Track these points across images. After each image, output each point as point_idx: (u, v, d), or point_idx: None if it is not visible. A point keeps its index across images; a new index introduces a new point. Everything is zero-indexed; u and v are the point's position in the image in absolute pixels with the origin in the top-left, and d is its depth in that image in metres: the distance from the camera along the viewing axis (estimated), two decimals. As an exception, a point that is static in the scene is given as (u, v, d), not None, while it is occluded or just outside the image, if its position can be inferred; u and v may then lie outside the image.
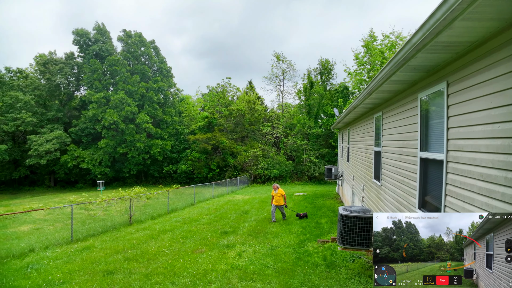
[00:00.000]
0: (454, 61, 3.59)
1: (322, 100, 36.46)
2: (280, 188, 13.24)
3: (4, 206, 26.55)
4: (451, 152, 3.72)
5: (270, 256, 8.16)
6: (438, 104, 4.14)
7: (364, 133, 10.00)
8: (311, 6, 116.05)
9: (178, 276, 6.84)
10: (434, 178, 4.31)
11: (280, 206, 13.11)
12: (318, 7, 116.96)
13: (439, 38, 2.88)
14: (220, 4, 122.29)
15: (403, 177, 5.59)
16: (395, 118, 6.17)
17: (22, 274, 7.57)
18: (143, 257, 8.37)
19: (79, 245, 10.31)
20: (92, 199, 19.54)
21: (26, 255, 9.45)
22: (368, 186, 9.18)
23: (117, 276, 7.03)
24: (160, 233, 11.40)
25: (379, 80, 5.02)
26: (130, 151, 37.81)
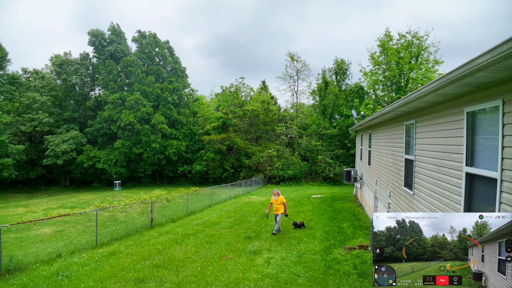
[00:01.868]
0: (511, 80, 3.50)
1: (337, 100, 36.20)
2: (281, 195, 12.08)
3: (23, 206, 27.04)
4: (506, 172, 3.64)
5: (299, 264, 8.13)
6: (490, 121, 4.04)
7: (391, 138, 9.87)
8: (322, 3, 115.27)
9: (210, 285, 6.85)
10: (483, 195, 4.22)
11: (277, 215, 11.83)
12: (329, 4, 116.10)
13: (507, 61, 2.80)
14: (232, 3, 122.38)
15: (443, 189, 5.49)
16: (433, 128, 6.06)
17: (54, 281, 7.65)
18: (172, 264, 8.41)
19: (105, 250, 10.40)
20: (108, 199, 19.81)
21: (54, 260, 9.56)
22: (396, 193, 9.07)
23: (148, 284, 7.07)
24: (183, 238, 11.45)
25: (422, 92, 4.93)
26: (146, 151, 38.12)
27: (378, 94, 34.72)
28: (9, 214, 22.57)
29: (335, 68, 38.45)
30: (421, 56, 31.22)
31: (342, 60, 38.03)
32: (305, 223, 12.89)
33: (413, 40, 30.94)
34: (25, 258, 9.72)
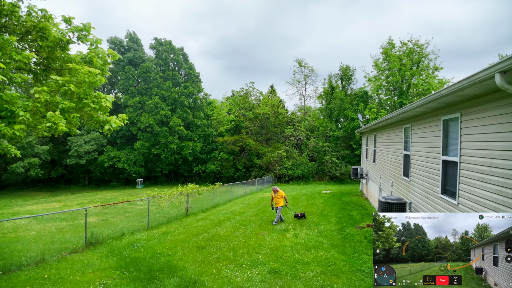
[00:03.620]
0: (464, 102, 5.78)
1: (343, 104, 38.52)
2: (280, 191, 13.14)
3: (57, 201, 29.44)
4: (463, 157, 5.91)
5: (321, 236, 10.40)
6: (455, 125, 6.32)
7: (393, 139, 12.14)
8: (327, 8, 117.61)
9: (257, 249, 9.13)
10: (451, 173, 6.49)
11: (278, 207, 12.96)
12: (334, 8, 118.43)
13: (458, 92, 5.09)
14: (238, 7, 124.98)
15: (429, 173, 7.77)
16: (422, 130, 8.34)
17: (132, 249, 9.88)
18: (220, 238, 10.65)
19: (158, 231, 12.67)
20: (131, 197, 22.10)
21: (121, 238, 11.81)
22: (397, 182, 11.34)
23: (209, 250, 9.32)
24: (219, 222, 13.71)
25: (414, 106, 7.24)
26: (163, 152, 40.59)
27: (382, 98, 37.02)
28: (48, 208, 24.95)
29: (341, 74, 40.81)
30: (422, 63, 33.44)
31: (347, 66, 40.41)
32: (319, 212, 15.11)
33: (414, 47, 33.16)
34: (97, 235, 12.03)
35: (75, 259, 9.08)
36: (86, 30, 7.42)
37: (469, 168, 5.63)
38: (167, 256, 8.87)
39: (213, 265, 7.78)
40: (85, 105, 6.24)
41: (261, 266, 7.51)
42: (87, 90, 6.22)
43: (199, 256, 8.70)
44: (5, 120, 5.50)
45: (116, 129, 7.00)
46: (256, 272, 7.10)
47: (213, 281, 6.70)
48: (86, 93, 6.21)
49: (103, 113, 6.73)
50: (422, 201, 8.23)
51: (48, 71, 7.43)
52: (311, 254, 8.43)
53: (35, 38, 6.79)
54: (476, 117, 5.35)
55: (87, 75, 5.85)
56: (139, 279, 7.03)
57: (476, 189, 5.33)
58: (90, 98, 6.29)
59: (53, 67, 7.14)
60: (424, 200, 8.09)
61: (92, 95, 6.44)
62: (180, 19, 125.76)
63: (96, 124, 6.74)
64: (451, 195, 6.42)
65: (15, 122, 5.49)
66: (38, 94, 5.64)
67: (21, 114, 5.32)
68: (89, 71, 5.78)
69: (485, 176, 5.04)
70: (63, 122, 5.80)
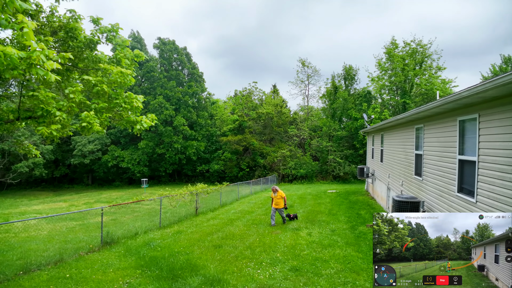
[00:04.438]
0: (483, 103, 5.94)
1: (346, 104, 38.71)
2: (279, 191, 12.81)
3: (63, 201, 29.60)
4: (481, 156, 6.07)
5: (334, 235, 10.56)
6: (472, 125, 6.48)
7: (403, 138, 12.30)
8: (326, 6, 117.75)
9: (273, 247, 9.29)
10: (469, 172, 6.65)
11: (280, 209, 12.68)
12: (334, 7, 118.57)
13: (479, 94, 5.25)
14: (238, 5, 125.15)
15: (443, 172, 7.93)
16: (436, 130, 8.50)
17: (150, 249, 9.97)
18: (234, 237, 10.79)
19: (171, 230, 12.82)
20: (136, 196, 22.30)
21: (135, 237, 11.94)
22: (407, 181, 11.50)
23: (225, 248, 9.47)
24: (231, 221, 13.87)
25: (430, 106, 7.40)
26: (168, 151, 40.76)
27: (384, 98, 37.21)
28: (55, 208, 25.11)
29: (344, 74, 40.97)
30: (425, 63, 33.62)
31: (350, 66, 40.58)
32: (327, 212, 15.29)
33: (417, 48, 33.32)
34: (112, 235, 12.17)
35: (93, 258, 9.21)
36: (114, 31, 7.59)
37: (488, 167, 5.79)
38: (185, 255, 9.00)
39: (233, 264, 7.93)
40: (116, 105, 6.42)
41: (281, 264, 7.67)
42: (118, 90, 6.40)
43: (217, 254, 8.84)
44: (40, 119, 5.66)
45: (146, 129, 7.16)
46: (277, 270, 7.26)
47: (236, 279, 6.85)
48: (117, 93, 6.39)
49: (134, 113, 6.89)
50: (437, 200, 8.38)
51: (70, 71, 7.58)
52: (328, 252, 8.59)
53: (63, 38, 6.94)
54: (496, 118, 5.50)
55: (119, 75, 6.01)
56: (162, 277, 7.18)
57: (496, 187, 5.49)
58: (121, 98, 6.46)
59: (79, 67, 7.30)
60: (438, 198, 8.25)
61: (123, 95, 6.61)
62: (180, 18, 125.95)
63: (127, 124, 6.89)
64: (469, 194, 6.58)
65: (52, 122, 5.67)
66: (73, 94, 5.81)
67: (58, 114, 5.49)
68: (121, 71, 5.95)
69: (506, 175, 5.19)
70: (97, 122, 5.96)
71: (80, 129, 6.01)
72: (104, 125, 6.46)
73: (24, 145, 8.40)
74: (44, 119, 5.59)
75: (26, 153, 7.92)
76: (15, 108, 6.28)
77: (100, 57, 7.48)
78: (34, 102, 5.45)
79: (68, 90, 5.81)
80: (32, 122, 6.11)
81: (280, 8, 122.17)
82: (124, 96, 6.63)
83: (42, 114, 5.50)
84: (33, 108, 5.83)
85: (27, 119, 6.07)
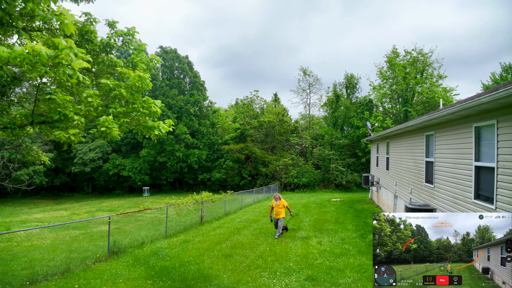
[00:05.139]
0: (501, 109, 5.90)
1: (348, 112, 38.78)
2: (282, 199, 12.10)
3: (64, 209, 29.38)
4: (500, 162, 6.01)
5: (345, 243, 10.43)
6: (490, 132, 6.43)
7: (411, 146, 12.24)
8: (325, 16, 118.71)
9: (285, 257, 9.15)
10: (486, 179, 6.58)
11: (279, 219, 11.94)
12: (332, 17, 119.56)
13: (500, 100, 5.21)
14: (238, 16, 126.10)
15: (458, 179, 7.86)
16: (449, 137, 8.45)
17: (157, 258, 9.80)
18: (243, 246, 10.63)
19: (178, 239, 12.66)
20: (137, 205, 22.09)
21: (141, 246, 11.77)
22: (417, 189, 11.41)
23: (235, 258, 9.31)
24: (238, 230, 13.72)
25: (444, 113, 7.36)
26: (169, 159, 40.62)
27: (386, 106, 37.33)
28: (57, 216, 24.90)
29: (346, 82, 41.11)
30: (426, 71, 33.80)
31: (352, 75, 40.75)
32: (334, 220, 15.16)
33: (418, 56, 33.54)
34: (119, 244, 12.00)
35: (101, 268, 9.04)
36: (131, 34, 7.56)
37: (508, 173, 5.72)
38: (196, 264, 8.85)
39: (246, 273, 7.79)
40: (134, 110, 6.37)
41: (296, 274, 7.54)
42: (135, 95, 6.35)
43: (228, 264, 8.70)
44: (56, 124, 5.58)
45: (164, 135, 7.10)
46: (293, 280, 7.13)
47: (252, 289, 6.73)
48: (135, 97, 6.34)
49: (151, 118, 6.84)
50: (450, 207, 8.30)
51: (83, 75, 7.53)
52: (342, 261, 8.47)
53: (79, 41, 6.90)
54: (517, 124, 5.46)
55: (136, 79, 5.98)
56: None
57: (518, 194, 5.42)
58: (138, 103, 6.41)
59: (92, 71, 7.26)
60: (452, 205, 8.16)
61: (141, 100, 6.56)
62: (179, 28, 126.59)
63: (144, 130, 6.83)
64: (487, 200, 6.50)
65: (68, 127, 5.59)
66: (91, 98, 5.75)
67: (76, 118, 5.41)
68: (140, 75, 5.91)
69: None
70: (116, 126, 5.89)
71: (98, 134, 5.94)
72: (122, 130, 6.39)
73: (33, 151, 8.30)
74: (60, 123, 5.50)
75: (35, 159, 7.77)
76: (29, 112, 6.20)
77: (116, 61, 7.45)
78: (51, 105, 5.36)
79: (86, 93, 5.75)
80: (45, 127, 6.02)
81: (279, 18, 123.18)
82: (141, 101, 6.58)
83: (59, 118, 5.40)
84: (48, 113, 5.76)
85: (40, 123, 5.99)
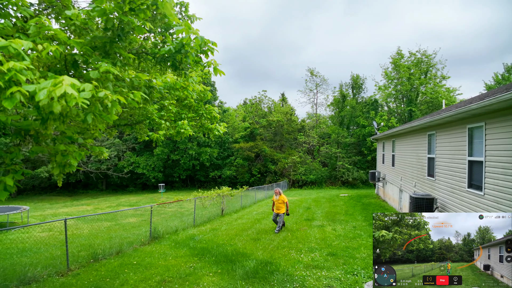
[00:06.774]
0: (488, 113, 7.34)
1: (354, 112, 40.23)
2: (282, 194, 12.28)
3: (86, 205, 30.98)
4: (487, 157, 7.46)
5: (357, 230, 11.89)
6: (479, 132, 7.88)
7: (415, 144, 13.69)
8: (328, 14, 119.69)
9: (306, 239, 10.62)
10: (477, 171, 8.03)
11: (280, 214, 12.21)
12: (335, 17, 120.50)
13: (486, 107, 6.66)
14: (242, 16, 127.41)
15: (454, 172, 9.31)
16: (447, 136, 9.91)
17: (196, 242, 11.06)
18: (267, 232, 12.09)
19: (206, 228, 14.13)
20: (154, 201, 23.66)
21: (176, 233, 13.16)
22: (420, 182, 12.86)
23: (263, 241, 10.76)
24: (258, 220, 15.20)
25: (444, 116, 8.82)
26: (182, 157, 42.23)
27: (391, 106, 38.71)
28: (82, 210, 26.50)
29: (352, 83, 42.57)
30: (430, 72, 35.13)
31: (358, 75, 42.18)
32: (343, 212, 16.59)
33: (422, 58, 34.87)
34: (158, 231, 13.47)
35: (148, 250, 10.49)
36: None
37: (493, 166, 7.17)
38: (230, 246, 10.28)
39: (276, 251, 9.28)
40: (200, 116, 7.95)
41: (318, 251, 9.03)
42: (200, 103, 7.92)
43: (258, 245, 10.15)
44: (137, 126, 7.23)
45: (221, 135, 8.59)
46: (317, 255, 8.63)
47: (285, 261, 8.21)
48: (199, 105, 7.93)
49: (211, 121, 8.40)
50: (448, 196, 9.74)
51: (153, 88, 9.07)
52: (356, 242, 9.95)
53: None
54: (499, 126, 6.90)
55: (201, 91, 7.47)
56: (221, 262, 8.51)
57: (500, 181, 6.86)
58: (202, 109, 8.01)
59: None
60: (450, 194, 9.61)
61: (204, 107, 8.13)
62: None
63: (205, 131, 8.36)
64: (477, 188, 7.95)
65: (160, 129, 7.33)
66: (171, 106, 7.41)
67: (162, 123, 7.10)
68: (204, 88, 7.38)
69: (508, 171, 6.57)
70: (189, 128, 7.52)
71: (175, 134, 7.56)
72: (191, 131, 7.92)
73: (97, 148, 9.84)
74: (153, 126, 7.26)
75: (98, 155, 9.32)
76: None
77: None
78: (143, 112, 7.00)
79: (167, 102, 7.38)
80: (126, 128, 7.67)
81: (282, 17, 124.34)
82: (204, 108, 8.13)
83: (149, 123, 7.15)
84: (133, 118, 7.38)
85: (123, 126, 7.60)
